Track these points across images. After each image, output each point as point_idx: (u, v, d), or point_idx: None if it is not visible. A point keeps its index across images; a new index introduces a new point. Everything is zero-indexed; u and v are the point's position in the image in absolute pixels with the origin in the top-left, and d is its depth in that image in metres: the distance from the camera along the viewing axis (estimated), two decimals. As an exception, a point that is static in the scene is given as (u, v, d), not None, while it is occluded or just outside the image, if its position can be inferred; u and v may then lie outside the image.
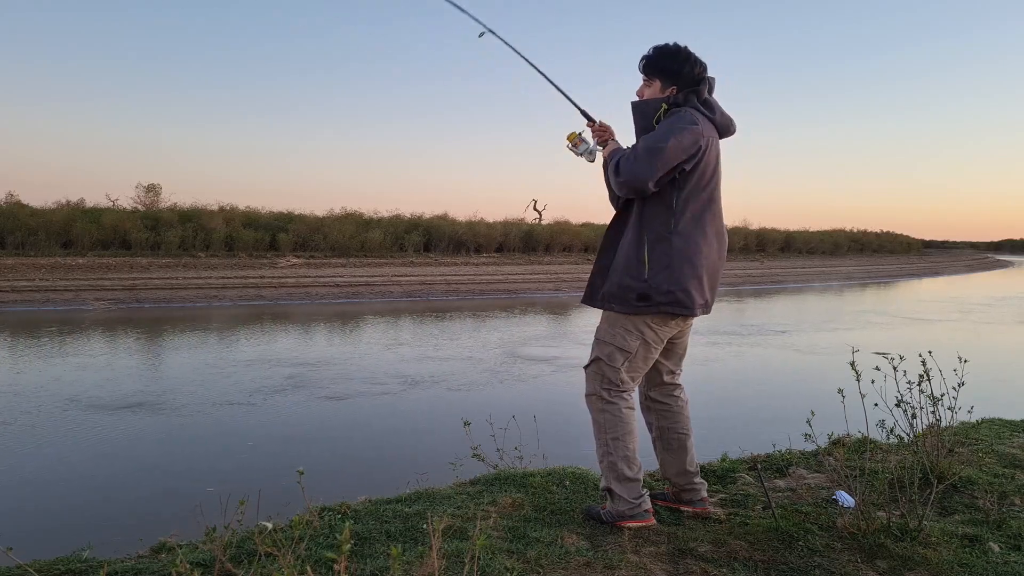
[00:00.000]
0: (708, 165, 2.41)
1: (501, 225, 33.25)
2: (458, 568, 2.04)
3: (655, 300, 2.39)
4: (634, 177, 2.35)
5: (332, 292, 20.29)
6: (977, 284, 33.60)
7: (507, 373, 9.55)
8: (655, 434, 2.71)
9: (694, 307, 2.41)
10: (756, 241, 42.52)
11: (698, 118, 2.38)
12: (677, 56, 2.43)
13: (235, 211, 28.72)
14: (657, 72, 2.47)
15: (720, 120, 2.47)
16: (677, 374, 2.69)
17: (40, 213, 24.26)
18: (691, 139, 2.33)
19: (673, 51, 2.44)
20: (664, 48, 2.45)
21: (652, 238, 2.40)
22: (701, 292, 2.43)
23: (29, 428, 6.55)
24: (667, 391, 2.67)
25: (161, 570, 2.15)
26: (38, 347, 11.27)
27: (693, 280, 2.39)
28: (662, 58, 2.45)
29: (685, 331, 2.63)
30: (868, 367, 2.57)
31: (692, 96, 2.43)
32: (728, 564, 2.21)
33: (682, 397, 2.68)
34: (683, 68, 2.43)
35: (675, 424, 2.65)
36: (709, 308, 2.52)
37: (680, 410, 2.66)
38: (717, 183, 2.48)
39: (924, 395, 2.81)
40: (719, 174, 2.49)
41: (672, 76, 2.44)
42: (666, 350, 2.61)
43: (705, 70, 2.45)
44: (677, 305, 2.39)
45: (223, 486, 4.86)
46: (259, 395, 7.97)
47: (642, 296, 2.40)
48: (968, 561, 2.26)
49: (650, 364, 2.54)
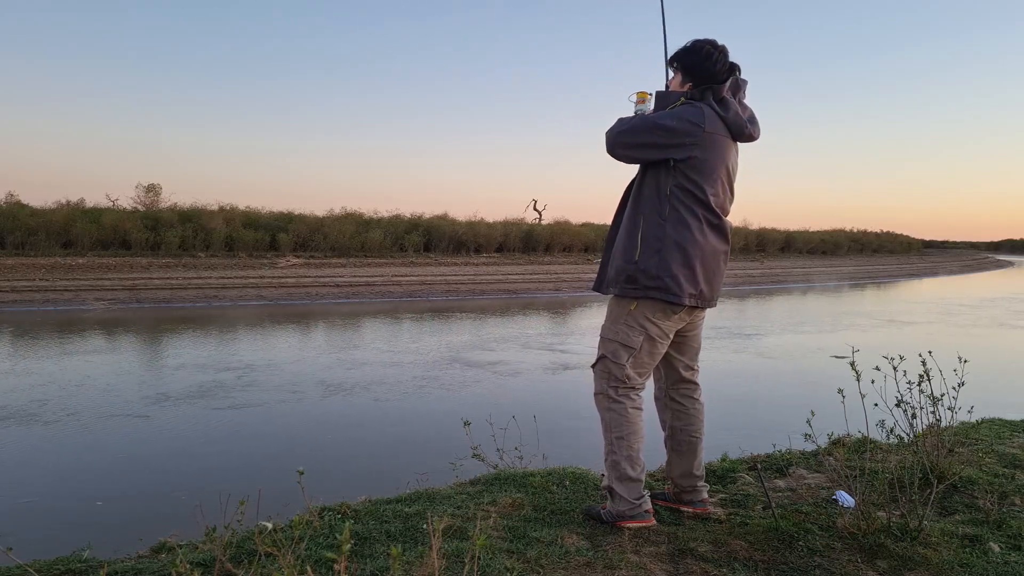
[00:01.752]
0: (708, 160, 2.40)
1: (501, 225, 33.27)
2: (458, 568, 2.04)
3: (642, 283, 2.40)
4: (616, 139, 2.46)
5: (332, 292, 20.29)
6: (972, 285, 33.44)
7: (431, 378, 9.55)
8: (667, 432, 2.72)
9: (682, 295, 2.40)
10: (756, 241, 42.52)
11: (703, 113, 2.39)
12: (696, 53, 2.47)
13: (235, 211, 28.71)
14: (680, 66, 2.52)
15: (732, 119, 2.46)
16: (695, 370, 2.69)
17: (40, 213, 24.25)
18: (676, 127, 2.36)
19: (693, 48, 2.48)
20: (687, 45, 2.50)
21: (645, 224, 2.43)
22: (693, 282, 2.42)
23: (29, 428, 6.55)
24: (686, 390, 2.67)
25: (161, 570, 2.15)
26: (38, 347, 11.27)
27: (684, 269, 2.39)
28: (685, 54, 2.50)
29: (695, 324, 2.62)
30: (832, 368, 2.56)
31: (708, 93, 2.44)
32: (728, 564, 2.21)
33: (699, 400, 2.68)
34: (701, 65, 2.45)
35: (688, 426, 2.66)
36: (707, 300, 2.50)
37: (695, 413, 2.66)
38: (719, 179, 2.45)
39: (924, 395, 2.81)
40: (723, 173, 2.47)
41: (689, 71, 2.48)
42: (679, 344, 2.61)
43: (730, 70, 2.46)
44: (664, 291, 2.39)
45: (223, 486, 4.86)
46: (245, 395, 7.97)
47: (630, 278, 2.43)
48: (968, 561, 2.26)
49: (657, 359, 2.54)
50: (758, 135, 2.56)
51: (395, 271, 24.72)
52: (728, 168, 2.49)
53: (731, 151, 2.50)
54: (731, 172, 2.52)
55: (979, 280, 38.00)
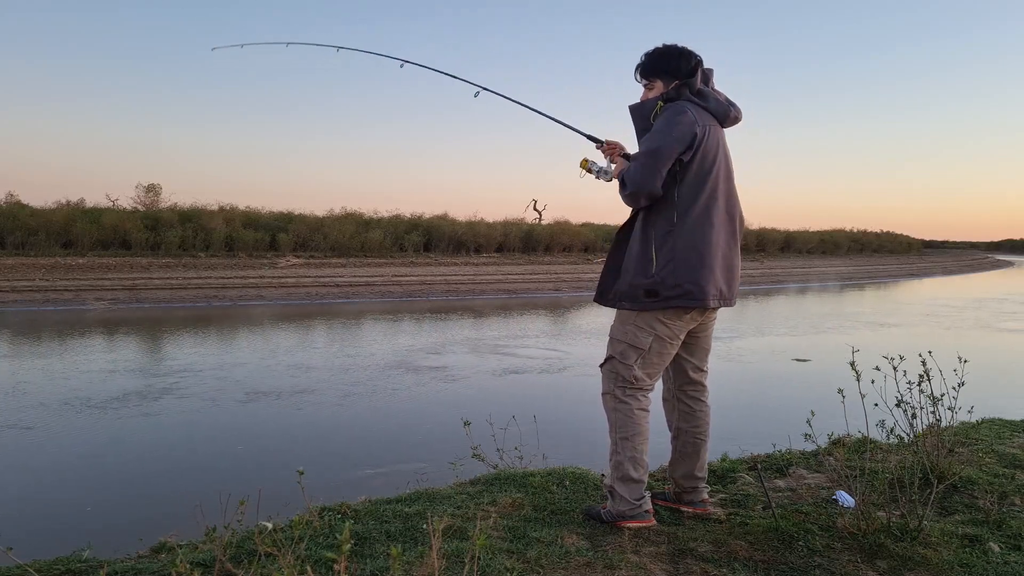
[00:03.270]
0: (707, 153, 2.41)
1: (501, 225, 33.24)
2: (458, 568, 2.04)
3: (663, 295, 2.39)
4: (639, 187, 2.40)
5: (332, 292, 20.29)
6: (966, 285, 33.25)
7: (432, 378, 9.54)
8: (672, 432, 2.72)
9: (706, 298, 2.40)
10: (756, 241, 42.51)
11: (690, 108, 2.41)
12: (671, 54, 2.48)
13: (235, 211, 28.70)
14: (658, 74, 2.51)
15: (715, 108, 2.48)
16: (704, 371, 2.68)
17: (40, 213, 24.23)
18: (684, 130, 2.36)
19: (665, 51, 2.49)
20: (656, 51, 2.51)
21: (658, 234, 2.42)
22: (714, 283, 2.41)
23: (29, 428, 6.55)
24: (693, 392, 2.66)
25: (161, 570, 2.15)
26: (37, 347, 11.27)
27: (703, 271, 2.39)
28: (659, 60, 2.50)
29: (707, 325, 2.61)
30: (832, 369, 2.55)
31: (684, 89, 2.45)
32: (728, 564, 2.21)
33: (706, 402, 2.68)
34: (680, 64, 2.46)
35: (693, 427, 2.65)
36: (728, 300, 2.49)
37: (701, 415, 2.66)
38: (720, 170, 2.46)
39: (924, 395, 2.81)
40: (722, 161, 2.48)
41: (672, 74, 2.48)
42: (689, 345, 2.61)
43: (698, 62, 2.48)
44: (688, 298, 2.39)
45: (223, 486, 4.86)
46: (253, 394, 7.97)
47: (650, 292, 2.41)
48: (968, 561, 2.26)
49: (667, 361, 2.54)
50: (741, 116, 2.57)
51: (395, 271, 24.72)
52: (726, 156, 2.51)
53: (723, 138, 2.52)
54: (729, 160, 2.54)
55: (975, 280, 37.88)
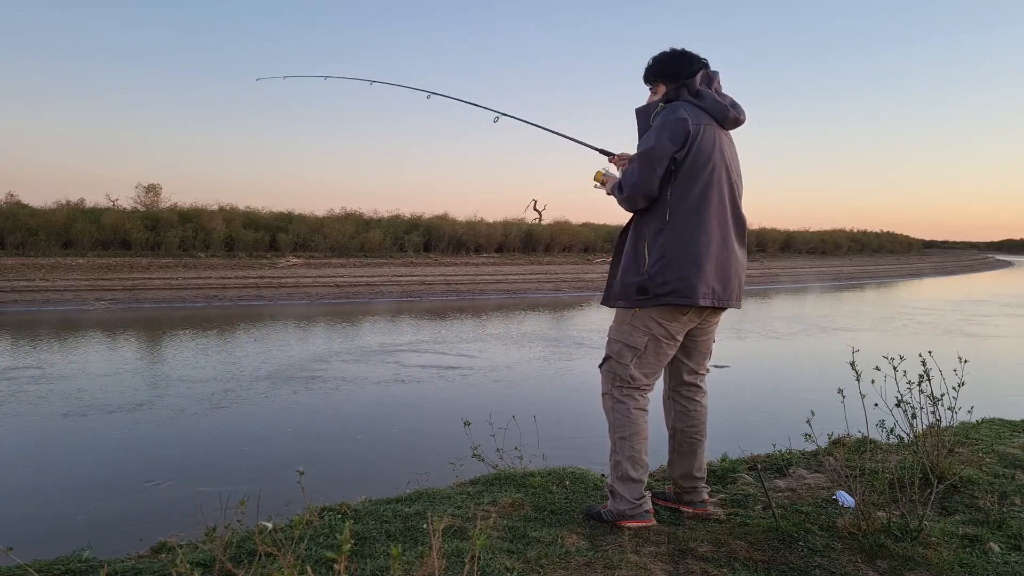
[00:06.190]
0: (701, 152, 2.41)
1: (501, 225, 33.21)
2: (458, 568, 2.04)
3: (653, 292, 2.40)
4: (635, 188, 2.43)
5: (332, 292, 20.29)
6: (959, 286, 32.88)
7: (432, 378, 9.54)
8: (669, 432, 2.72)
9: (695, 296, 2.38)
10: (756, 241, 42.49)
11: (684, 107, 2.42)
12: (674, 58, 2.52)
13: (235, 211, 28.67)
14: (661, 78, 2.54)
15: (712, 107, 2.48)
16: (700, 374, 2.67)
17: (40, 213, 24.20)
18: (676, 128, 2.37)
19: (670, 54, 2.53)
20: (660, 55, 2.55)
21: (650, 232, 2.44)
22: (704, 281, 2.39)
23: (29, 428, 6.55)
24: (688, 392, 2.66)
25: (161, 570, 2.15)
26: (37, 347, 11.27)
27: (693, 268, 2.38)
28: (662, 64, 2.54)
29: (706, 328, 2.60)
30: (832, 369, 2.56)
31: (683, 90, 2.47)
32: (728, 564, 2.21)
33: (702, 402, 2.67)
34: (681, 68, 2.50)
35: (690, 427, 2.65)
36: (724, 300, 2.46)
37: (696, 415, 2.65)
38: (717, 170, 2.44)
39: (924, 395, 2.81)
40: (720, 162, 2.46)
41: (674, 77, 2.51)
42: (686, 348, 2.60)
43: (701, 65, 2.51)
44: (677, 295, 2.38)
45: (223, 486, 4.86)
46: (252, 392, 7.97)
47: (640, 289, 2.42)
48: (968, 561, 2.26)
49: (664, 361, 2.54)
50: (744, 117, 2.57)
51: (395, 271, 24.72)
52: (724, 156, 2.49)
53: (722, 139, 2.51)
54: (729, 160, 2.51)
55: (971, 281, 37.66)
